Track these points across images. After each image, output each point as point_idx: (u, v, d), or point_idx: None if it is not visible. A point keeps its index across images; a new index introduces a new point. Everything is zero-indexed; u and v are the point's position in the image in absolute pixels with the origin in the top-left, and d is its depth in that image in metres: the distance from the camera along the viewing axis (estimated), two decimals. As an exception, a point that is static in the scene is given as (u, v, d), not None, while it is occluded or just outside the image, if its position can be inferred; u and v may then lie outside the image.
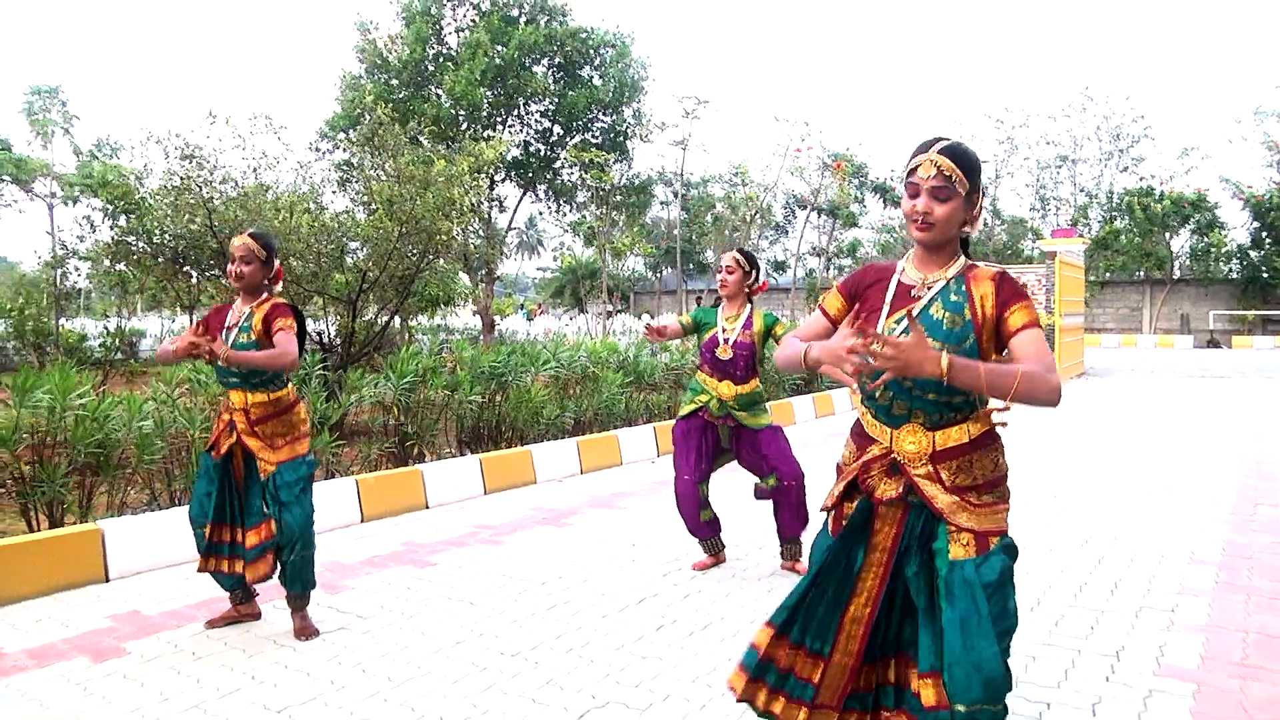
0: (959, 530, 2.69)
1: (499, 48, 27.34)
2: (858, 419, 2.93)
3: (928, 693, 2.70)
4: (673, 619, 4.98)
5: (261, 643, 4.67)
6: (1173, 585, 5.48)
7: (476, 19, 27.95)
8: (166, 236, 11.43)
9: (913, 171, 2.69)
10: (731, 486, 8.40)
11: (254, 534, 4.69)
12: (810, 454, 10.05)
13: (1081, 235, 27.68)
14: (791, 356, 2.81)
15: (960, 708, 2.60)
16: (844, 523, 2.85)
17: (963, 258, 2.79)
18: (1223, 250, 45.06)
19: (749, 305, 5.77)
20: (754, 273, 5.75)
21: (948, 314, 2.69)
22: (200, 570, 4.84)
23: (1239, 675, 4.19)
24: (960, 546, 2.69)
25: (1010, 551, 2.73)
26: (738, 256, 5.72)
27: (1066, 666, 4.27)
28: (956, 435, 2.71)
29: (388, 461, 8.62)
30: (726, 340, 5.64)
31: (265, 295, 4.73)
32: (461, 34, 28.18)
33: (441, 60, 28.17)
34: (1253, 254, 44.94)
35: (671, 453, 5.97)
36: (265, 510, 4.68)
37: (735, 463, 5.93)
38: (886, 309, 2.78)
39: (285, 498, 4.64)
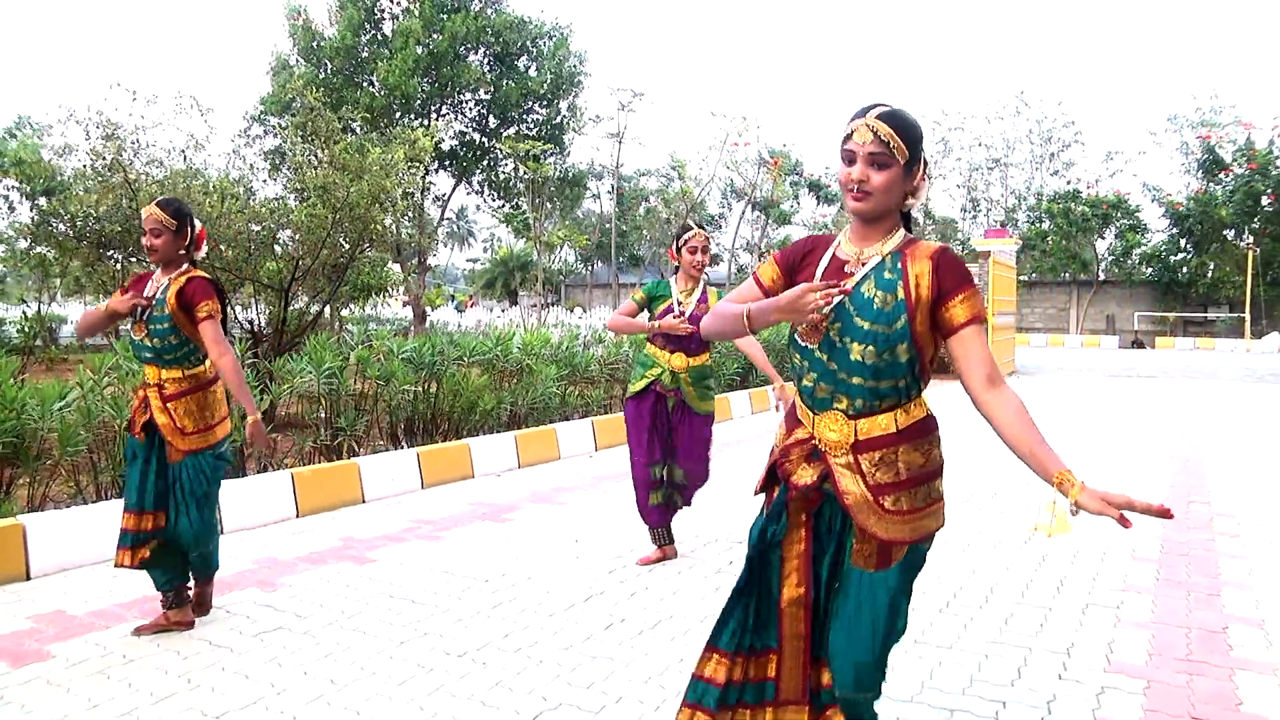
0: (865, 534, 2.59)
1: (434, 35, 26.98)
2: (793, 401, 2.82)
3: (822, 674, 2.76)
4: (621, 617, 4.89)
5: (197, 644, 4.47)
6: (1116, 583, 5.53)
7: (410, 5, 27.56)
8: (90, 219, 11.03)
9: (848, 137, 2.53)
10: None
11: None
12: (739, 451, 10.04)
13: (1013, 236, 28.17)
14: (726, 317, 2.69)
15: (839, 694, 2.71)
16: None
17: (902, 231, 2.63)
18: (1141, 253, 46.34)
19: (703, 279, 5.86)
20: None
21: (879, 293, 2.53)
22: (118, 565, 4.56)
23: (1185, 671, 4.23)
24: (862, 557, 2.62)
25: (913, 567, 2.65)
26: (708, 236, 5.83)
27: (1019, 665, 4.27)
28: (883, 424, 2.56)
29: (320, 455, 8.40)
30: (683, 313, 5.64)
31: (186, 266, 4.55)
32: (396, 20, 27.77)
33: (376, 47, 27.73)
34: (1171, 259, 46.27)
35: (620, 444, 5.98)
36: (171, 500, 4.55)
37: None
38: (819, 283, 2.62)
39: (182, 498, 4.50)
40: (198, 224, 4.62)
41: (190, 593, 4.73)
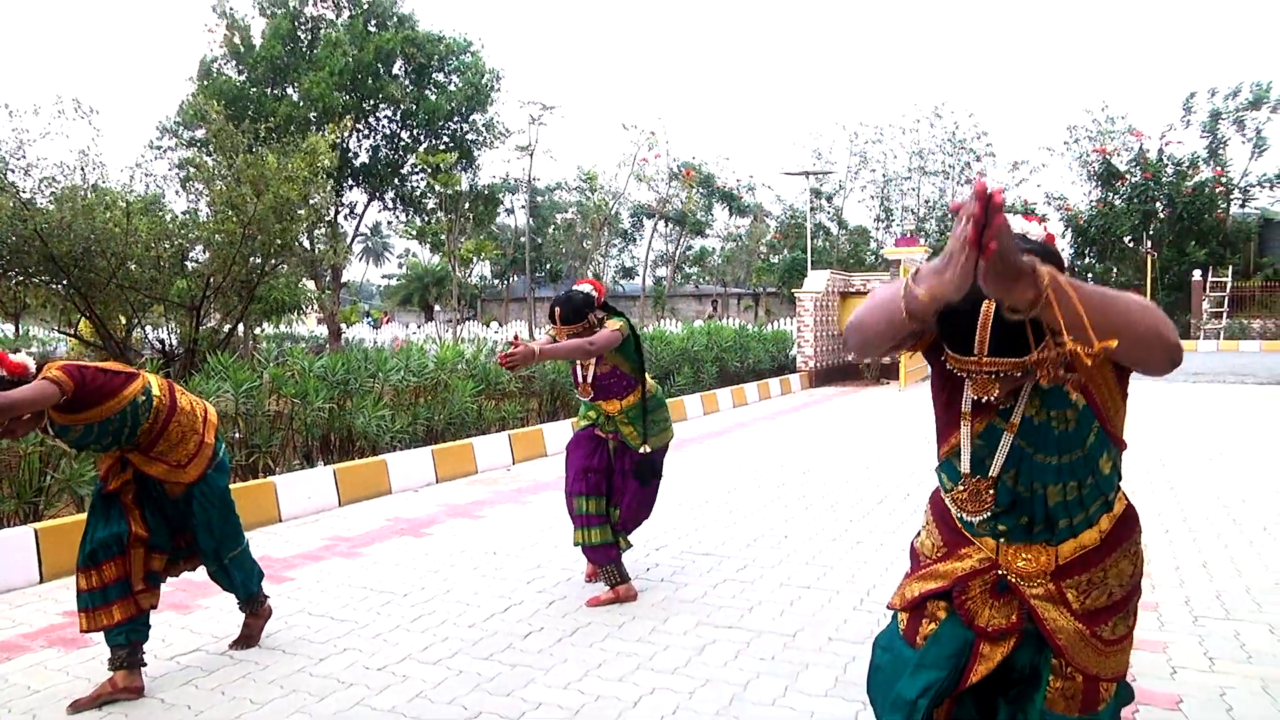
0: (1070, 668, 2.09)
1: (356, 50, 26.85)
2: (938, 492, 2.29)
3: None
4: (539, 626, 4.94)
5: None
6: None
7: (334, 18, 27.50)
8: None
9: None
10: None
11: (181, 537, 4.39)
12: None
13: (924, 245, 28.72)
14: (879, 307, 1.76)
15: None
16: (928, 636, 2.18)
17: None
18: (1046, 260, 47.65)
19: (602, 329, 5.03)
20: (585, 310, 5.01)
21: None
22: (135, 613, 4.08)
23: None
24: (1064, 697, 2.10)
25: (1123, 702, 2.20)
26: (555, 320, 5.02)
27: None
28: (1088, 538, 2.10)
29: (235, 475, 8.27)
30: (585, 380, 5.22)
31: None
32: (319, 32, 27.59)
33: (299, 56, 27.46)
34: (1077, 264, 47.69)
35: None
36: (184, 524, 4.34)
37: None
38: None
39: (199, 513, 4.28)
40: None
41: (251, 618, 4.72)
